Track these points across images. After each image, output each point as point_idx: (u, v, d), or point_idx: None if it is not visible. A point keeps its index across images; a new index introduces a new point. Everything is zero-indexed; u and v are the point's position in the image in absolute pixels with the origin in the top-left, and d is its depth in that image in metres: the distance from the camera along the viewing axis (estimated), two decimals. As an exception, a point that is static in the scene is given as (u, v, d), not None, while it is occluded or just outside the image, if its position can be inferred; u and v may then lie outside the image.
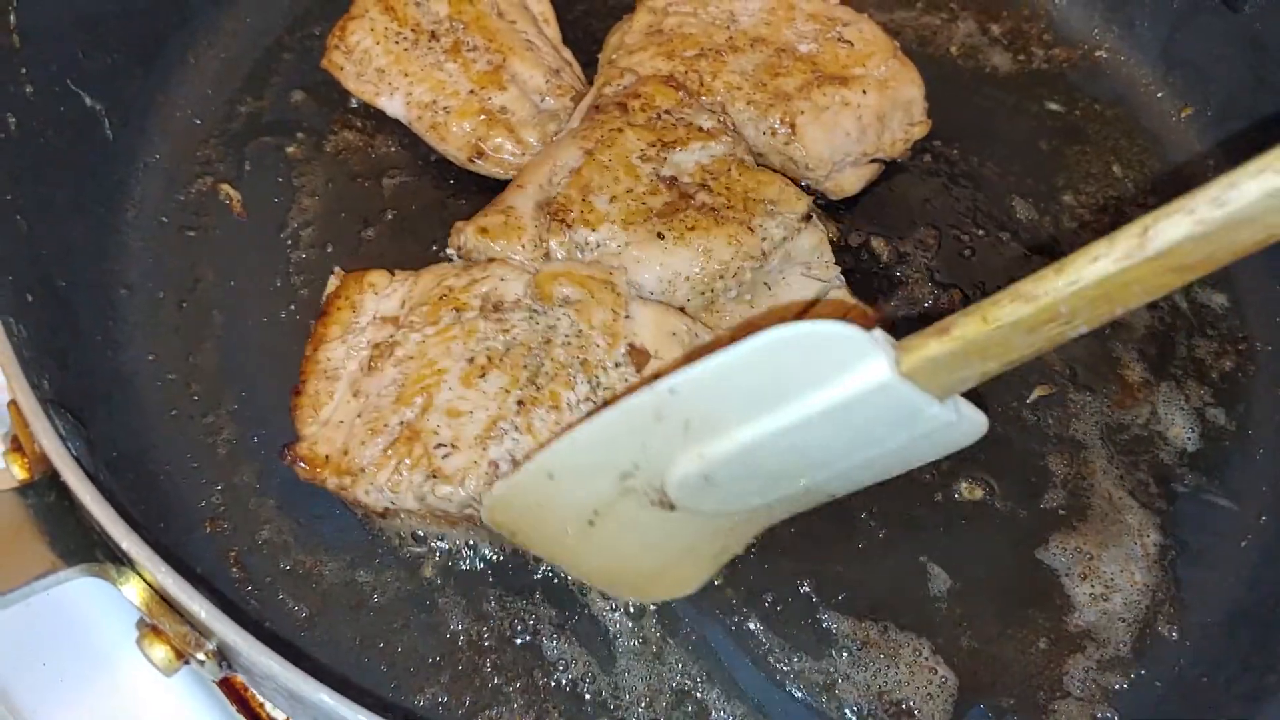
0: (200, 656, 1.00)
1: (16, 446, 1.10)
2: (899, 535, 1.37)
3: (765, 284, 1.43)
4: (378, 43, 1.59)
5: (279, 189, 1.56)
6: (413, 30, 1.59)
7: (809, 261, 1.45)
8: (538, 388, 1.26)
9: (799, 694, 1.27)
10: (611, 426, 1.06)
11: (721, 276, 1.38)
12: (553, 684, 1.25)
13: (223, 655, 1.01)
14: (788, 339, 0.92)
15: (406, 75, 1.56)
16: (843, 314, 1.46)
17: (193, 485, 1.34)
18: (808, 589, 1.32)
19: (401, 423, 1.26)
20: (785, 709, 1.26)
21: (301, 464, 1.29)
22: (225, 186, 1.55)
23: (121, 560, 1.01)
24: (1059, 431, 1.46)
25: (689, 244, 1.37)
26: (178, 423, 1.38)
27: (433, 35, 1.59)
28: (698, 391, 0.99)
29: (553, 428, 1.24)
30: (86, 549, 1.02)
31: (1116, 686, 1.31)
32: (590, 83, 1.61)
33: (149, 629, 1.02)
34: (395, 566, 1.31)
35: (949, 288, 1.55)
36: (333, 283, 1.40)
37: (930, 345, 0.89)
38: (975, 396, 0.99)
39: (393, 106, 1.57)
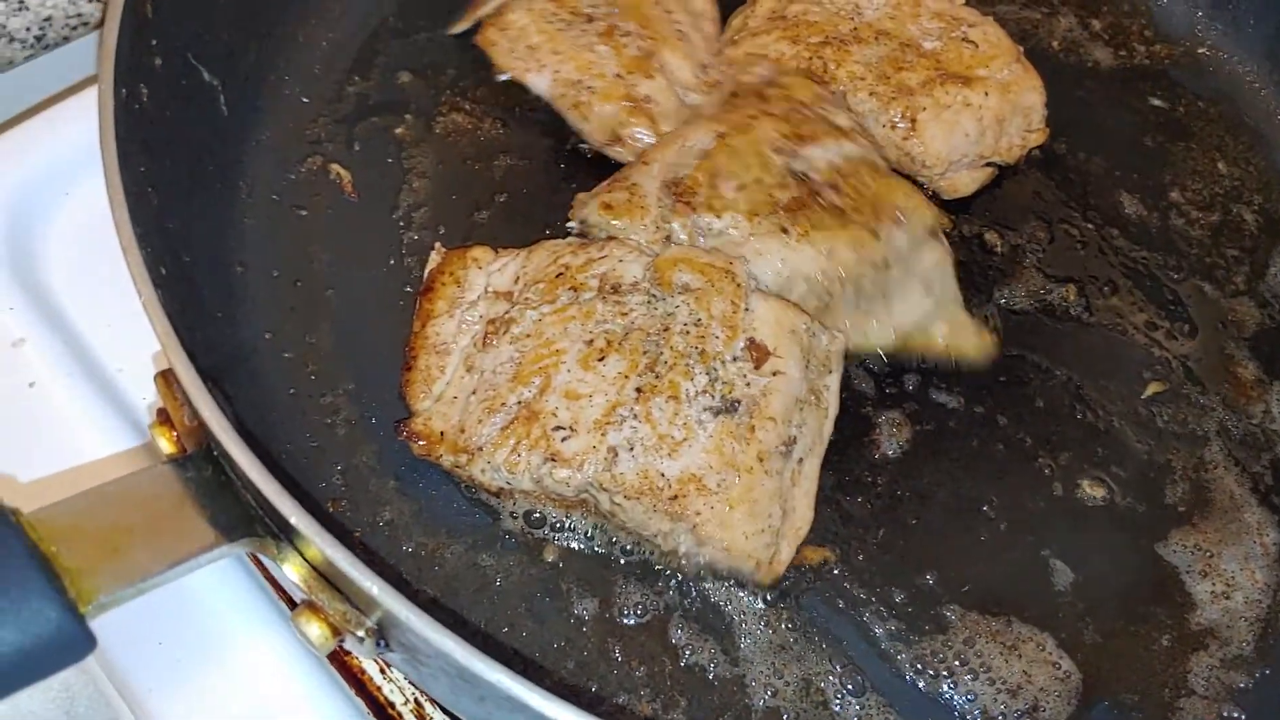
0: (360, 634, 0.99)
1: (164, 420, 1.09)
2: (1021, 530, 1.36)
3: (883, 294, 1.41)
4: (533, 21, 1.60)
5: (389, 170, 1.55)
6: (570, 13, 1.60)
7: (930, 278, 1.42)
8: (657, 375, 1.25)
9: (923, 685, 1.26)
10: None
11: (841, 280, 1.36)
12: (680, 669, 1.24)
13: (381, 633, 1.00)
14: None
15: (557, 53, 1.57)
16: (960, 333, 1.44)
17: (313, 465, 1.33)
18: (931, 581, 1.31)
19: (519, 402, 1.25)
20: (909, 700, 1.25)
21: (418, 440, 1.28)
22: (335, 166, 1.54)
23: (281, 535, 1.00)
24: (1175, 428, 1.45)
25: (813, 242, 1.35)
26: (296, 402, 1.37)
27: (589, 18, 1.60)
28: None
29: (671, 418, 1.23)
30: (246, 523, 1.01)
31: (1241, 685, 1.30)
32: None
33: (305, 606, 1.00)
34: (517, 550, 1.29)
35: (1064, 281, 1.54)
36: (434, 258, 1.40)
37: None
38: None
39: (539, 83, 1.57)
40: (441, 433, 1.28)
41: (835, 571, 1.31)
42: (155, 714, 1.27)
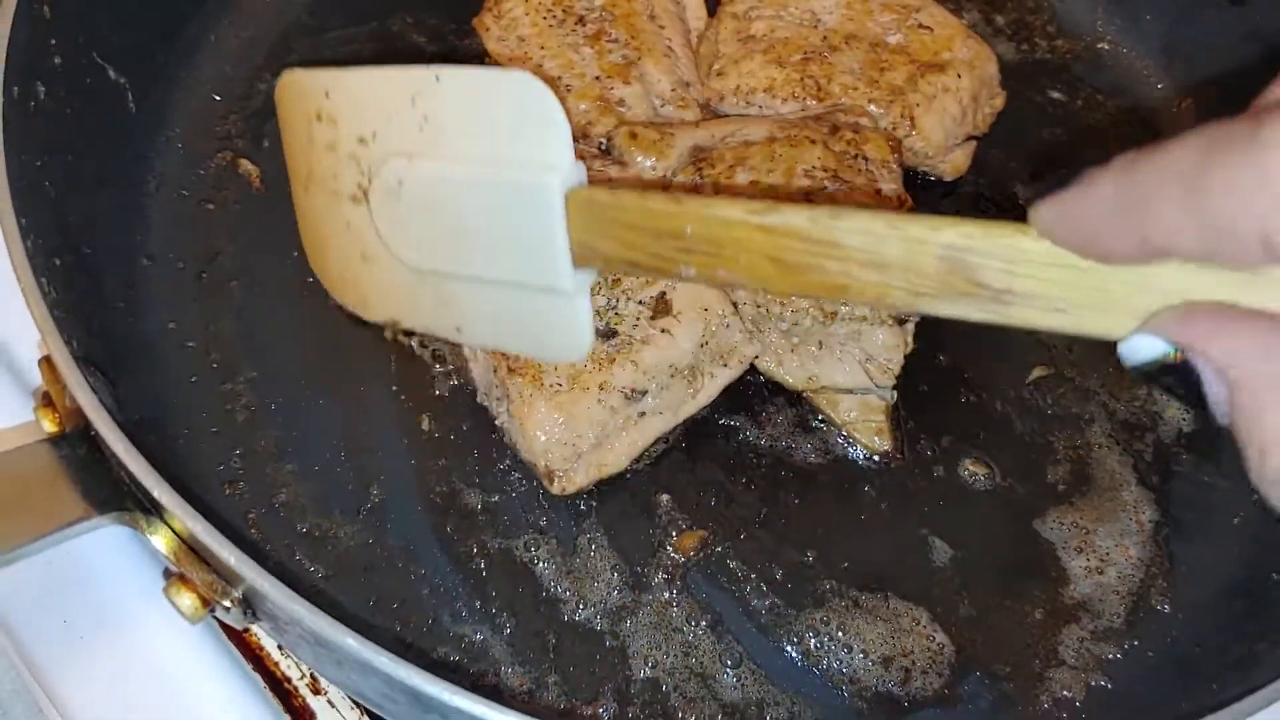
0: (226, 604, 1.03)
1: (47, 402, 1.14)
2: (901, 509, 1.40)
3: (819, 341, 1.41)
4: (527, 14, 1.63)
5: (297, 165, 1.59)
6: (564, 10, 1.64)
7: (873, 356, 1.41)
8: None
9: (799, 658, 1.30)
10: (385, 81, 1.11)
11: (782, 304, 1.39)
12: (561, 642, 1.29)
13: (248, 603, 1.04)
14: (520, 84, 0.97)
15: (543, 48, 1.61)
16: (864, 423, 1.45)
17: (211, 449, 1.37)
18: (811, 559, 1.36)
19: None
20: (785, 670, 1.29)
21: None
22: (244, 161, 1.58)
23: (150, 509, 1.04)
24: (1058, 411, 1.50)
25: None
26: (197, 389, 1.41)
27: (580, 19, 1.63)
28: (451, 93, 1.04)
29: None
30: (117, 498, 1.05)
31: (1110, 656, 1.34)
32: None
33: (176, 577, 1.05)
34: (409, 531, 1.34)
35: (952, 270, 1.58)
36: None
37: (598, 191, 0.97)
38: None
39: None
40: None
41: (719, 549, 1.35)
42: (61, 692, 1.30)
